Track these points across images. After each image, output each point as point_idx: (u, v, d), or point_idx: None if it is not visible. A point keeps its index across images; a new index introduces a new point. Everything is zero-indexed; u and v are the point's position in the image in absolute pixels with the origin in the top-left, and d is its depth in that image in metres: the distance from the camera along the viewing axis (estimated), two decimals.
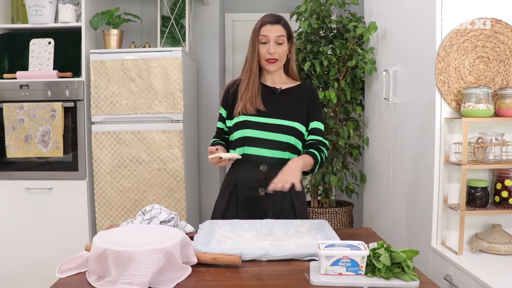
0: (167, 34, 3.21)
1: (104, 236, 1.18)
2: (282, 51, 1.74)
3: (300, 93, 1.80)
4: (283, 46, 1.74)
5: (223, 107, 1.85)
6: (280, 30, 1.73)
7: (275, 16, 1.76)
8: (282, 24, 1.74)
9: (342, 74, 2.89)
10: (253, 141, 1.72)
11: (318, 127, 1.79)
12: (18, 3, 3.00)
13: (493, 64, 1.86)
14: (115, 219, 2.82)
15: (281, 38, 1.72)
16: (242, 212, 1.72)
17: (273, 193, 1.60)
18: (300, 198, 1.79)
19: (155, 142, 2.81)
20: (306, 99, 1.78)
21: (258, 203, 1.72)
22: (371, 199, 2.87)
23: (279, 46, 1.73)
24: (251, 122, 1.72)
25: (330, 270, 1.11)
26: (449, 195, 1.90)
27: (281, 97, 1.78)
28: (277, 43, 1.72)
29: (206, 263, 1.22)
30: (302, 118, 1.76)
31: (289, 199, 1.74)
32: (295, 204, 1.75)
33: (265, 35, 1.72)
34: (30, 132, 2.76)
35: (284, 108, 1.75)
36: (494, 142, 1.79)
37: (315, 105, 1.80)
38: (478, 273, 1.57)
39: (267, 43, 1.72)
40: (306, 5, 2.84)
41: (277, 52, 1.73)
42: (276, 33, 1.72)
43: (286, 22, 1.77)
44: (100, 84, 2.79)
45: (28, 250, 2.81)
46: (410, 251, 1.14)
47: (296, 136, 1.74)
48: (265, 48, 1.73)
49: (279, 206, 1.72)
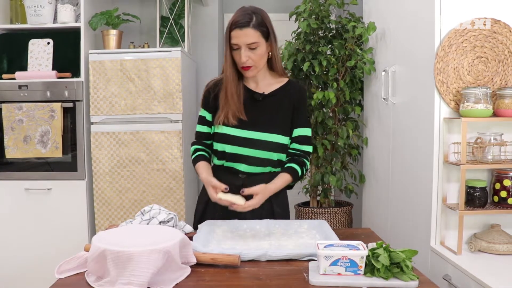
0: (166, 34, 3.21)
1: (103, 236, 1.18)
2: (257, 56, 1.55)
3: (285, 96, 1.66)
4: (258, 50, 1.54)
5: (205, 110, 1.70)
6: (250, 34, 1.51)
7: (244, 16, 1.52)
8: (253, 26, 1.51)
9: (341, 74, 2.90)
10: (233, 157, 1.62)
11: (303, 134, 1.67)
12: (17, 3, 3.00)
13: (492, 64, 1.86)
14: (114, 220, 2.82)
15: (254, 44, 1.52)
16: (219, 217, 1.62)
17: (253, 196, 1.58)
18: (281, 204, 1.71)
19: (154, 143, 2.80)
20: (292, 104, 1.65)
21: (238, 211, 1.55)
22: (370, 199, 2.87)
23: (252, 52, 1.53)
24: (231, 137, 1.61)
25: (329, 270, 1.11)
26: (448, 195, 1.90)
27: (265, 104, 1.64)
28: (250, 48, 1.53)
29: (205, 263, 1.22)
30: (286, 129, 1.65)
31: (269, 205, 1.64)
32: (275, 210, 1.67)
33: (235, 43, 1.53)
34: (29, 133, 2.76)
35: (267, 117, 1.63)
36: (493, 142, 1.79)
37: (300, 109, 1.66)
38: (477, 273, 1.57)
39: (239, 49, 1.54)
40: (305, 5, 2.84)
41: (251, 59, 1.54)
42: (246, 39, 1.51)
43: (260, 20, 1.53)
44: (99, 84, 2.79)
45: (27, 250, 2.81)
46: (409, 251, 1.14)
47: (280, 151, 1.64)
48: (238, 55, 1.55)
49: (258, 212, 1.59)
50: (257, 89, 1.66)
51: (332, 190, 3.05)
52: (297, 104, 1.66)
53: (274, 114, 1.64)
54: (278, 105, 1.65)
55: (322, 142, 2.87)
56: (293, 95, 1.67)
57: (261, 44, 1.54)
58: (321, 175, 2.87)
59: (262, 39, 1.55)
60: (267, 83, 1.67)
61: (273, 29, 1.60)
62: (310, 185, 2.99)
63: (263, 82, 1.67)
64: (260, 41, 1.54)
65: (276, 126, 1.63)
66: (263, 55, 1.58)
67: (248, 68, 1.57)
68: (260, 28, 1.53)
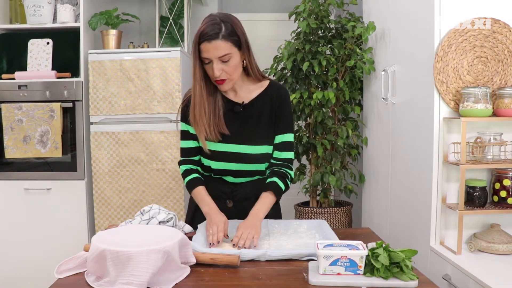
0: (166, 34, 3.21)
1: (103, 236, 1.18)
2: (231, 68, 1.44)
3: (266, 102, 1.57)
4: (231, 62, 1.43)
5: (187, 124, 1.59)
6: (221, 47, 1.40)
7: (213, 27, 1.40)
8: (223, 37, 1.39)
9: (341, 74, 2.89)
10: (219, 172, 1.60)
11: (284, 140, 1.59)
12: (17, 3, 3.00)
13: (492, 64, 1.86)
14: (113, 220, 2.82)
15: (225, 56, 1.41)
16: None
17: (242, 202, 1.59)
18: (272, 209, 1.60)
19: (154, 143, 2.80)
20: (273, 111, 1.57)
21: (227, 213, 1.53)
22: (370, 199, 2.87)
23: (225, 64, 1.43)
24: (216, 153, 1.56)
25: (328, 270, 1.11)
26: (448, 194, 1.90)
27: (246, 115, 1.57)
28: (223, 61, 1.42)
29: (204, 263, 1.22)
30: (270, 137, 1.59)
31: None
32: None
33: (205, 56, 1.42)
34: (29, 133, 2.76)
35: (249, 129, 1.57)
36: (492, 141, 1.79)
37: (282, 114, 1.58)
38: (476, 272, 1.57)
39: (210, 63, 1.43)
40: (304, 5, 2.84)
41: (224, 71, 1.44)
42: (217, 52, 1.40)
43: (230, 29, 1.41)
44: (99, 84, 2.79)
45: (27, 250, 2.81)
46: (409, 250, 1.14)
47: (266, 161, 1.60)
48: (211, 69, 1.44)
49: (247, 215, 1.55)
50: (237, 98, 1.58)
51: (332, 190, 3.05)
52: (278, 109, 1.57)
53: (256, 124, 1.57)
54: (260, 114, 1.57)
55: (321, 142, 2.87)
56: (274, 100, 1.58)
57: (233, 54, 1.43)
58: (321, 175, 2.87)
59: (234, 48, 1.43)
60: (246, 90, 1.59)
61: (245, 36, 1.47)
62: (310, 185, 2.99)
63: (242, 90, 1.58)
64: (233, 51, 1.43)
65: (259, 137, 1.56)
66: (237, 65, 1.46)
67: (222, 81, 1.46)
68: (231, 38, 1.41)
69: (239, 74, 1.51)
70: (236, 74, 1.48)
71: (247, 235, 1.35)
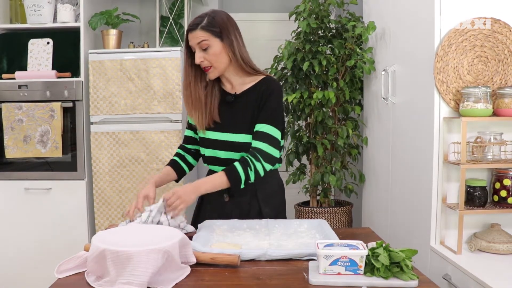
0: (166, 34, 3.21)
1: (103, 236, 1.18)
2: (211, 56, 1.55)
3: (255, 94, 1.61)
4: (210, 50, 1.54)
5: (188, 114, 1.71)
6: (199, 35, 1.54)
7: (196, 19, 1.57)
8: (201, 28, 1.54)
9: (341, 73, 2.89)
10: (212, 160, 1.65)
11: (261, 130, 1.56)
12: (17, 3, 3.00)
13: (492, 64, 1.86)
14: (114, 219, 2.82)
15: (203, 43, 1.54)
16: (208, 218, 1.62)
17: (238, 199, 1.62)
18: (270, 203, 1.68)
19: (154, 142, 2.80)
20: (258, 102, 1.59)
21: (224, 210, 1.63)
22: (370, 198, 2.87)
23: (205, 52, 1.55)
24: (208, 140, 1.64)
25: (329, 270, 1.11)
26: (448, 194, 1.90)
27: (236, 105, 1.63)
28: (202, 49, 1.55)
29: (205, 263, 1.22)
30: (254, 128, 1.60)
31: (256, 206, 1.65)
32: (263, 210, 1.65)
33: (189, 45, 1.58)
34: (29, 132, 2.76)
35: (239, 118, 1.61)
36: (492, 141, 1.79)
37: (265, 105, 1.58)
38: (477, 272, 1.57)
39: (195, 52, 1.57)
40: (304, 5, 2.84)
41: (205, 59, 1.56)
42: (196, 39, 1.54)
43: (211, 20, 1.55)
44: (99, 84, 2.79)
45: (27, 250, 2.81)
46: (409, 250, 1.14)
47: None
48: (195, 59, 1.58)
49: (245, 212, 1.64)
50: (232, 90, 1.66)
51: (332, 189, 3.05)
52: (262, 100, 1.59)
53: (244, 114, 1.61)
54: (248, 104, 1.61)
55: (322, 141, 2.87)
56: (262, 93, 1.60)
57: (212, 43, 1.54)
58: (321, 174, 2.87)
59: (214, 38, 1.55)
60: (241, 83, 1.65)
61: (230, 30, 1.58)
62: (310, 185, 2.99)
63: (237, 82, 1.65)
64: (211, 40, 1.54)
65: (245, 126, 1.59)
66: (219, 54, 1.56)
67: (207, 69, 1.59)
68: (210, 28, 1.54)
69: (224, 63, 1.59)
70: (219, 64, 1.57)
71: (175, 203, 1.42)
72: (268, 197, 1.68)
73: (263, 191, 1.66)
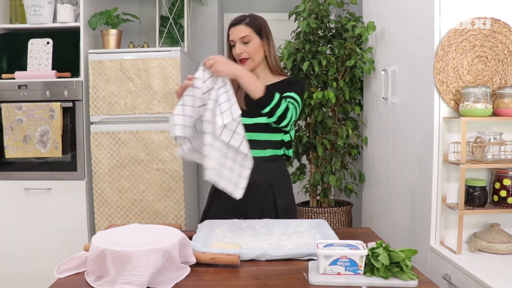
0: (166, 34, 3.21)
1: (103, 236, 1.18)
2: (251, 49, 1.72)
3: (280, 85, 1.74)
4: (251, 44, 1.72)
5: None
6: (242, 30, 1.72)
7: (239, 17, 1.76)
8: (245, 23, 1.73)
9: (341, 73, 2.90)
10: None
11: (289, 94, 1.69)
12: (17, 3, 3.00)
13: (492, 64, 1.86)
14: (114, 219, 2.82)
15: (246, 37, 1.72)
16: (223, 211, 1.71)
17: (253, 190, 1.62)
18: (284, 195, 1.78)
19: (154, 142, 2.80)
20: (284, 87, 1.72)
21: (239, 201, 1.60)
22: (370, 198, 2.88)
23: (246, 45, 1.72)
24: None
25: (328, 270, 1.11)
26: (448, 194, 1.90)
27: None
28: (243, 42, 1.72)
29: (204, 263, 1.22)
30: None
31: (271, 197, 1.73)
32: (277, 202, 1.73)
33: (231, 39, 1.75)
34: (29, 132, 2.76)
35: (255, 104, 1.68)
36: (492, 141, 1.79)
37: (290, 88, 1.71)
38: (476, 272, 1.58)
39: (235, 45, 1.74)
40: (304, 5, 2.84)
41: (245, 51, 1.72)
42: (239, 33, 1.72)
43: (253, 19, 1.75)
44: (99, 84, 2.79)
45: (27, 250, 2.81)
46: (409, 250, 1.14)
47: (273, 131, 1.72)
48: (234, 50, 1.75)
49: (260, 204, 1.72)
50: None
51: (332, 189, 3.06)
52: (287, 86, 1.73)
53: None
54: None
55: (321, 141, 2.87)
56: (288, 81, 1.77)
57: (253, 39, 1.72)
58: (321, 174, 2.87)
59: (255, 35, 1.73)
60: (266, 80, 1.77)
61: (268, 31, 1.78)
62: (310, 185, 2.99)
63: (263, 79, 1.78)
64: (252, 36, 1.72)
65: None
66: (257, 49, 1.74)
67: (245, 61, 1.73)
68: (252, 25, 1.73)
69: (260, 58, 1.76)
70: (256, 57, 1.75)
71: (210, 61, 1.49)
72: (281, 188, 1.76)
73: (277, 183, 1.74)
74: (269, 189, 1.73)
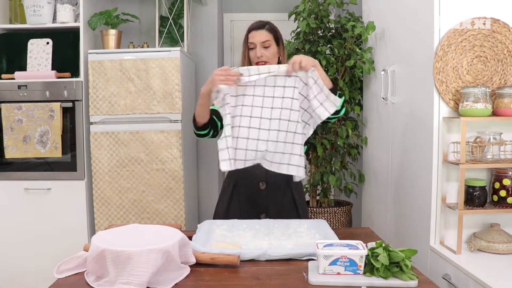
0: (166, 34, 3.21)
1: (103, 236, 1.18)
2: (270, 54, 1.82)
3: None
4: (270, 49, 1.82)
5: None
6: (264, 34, 1.81)
7: (260, 22, 1.85)
8: (267, 29, 1.83)
9: (341, 73, 2.89)
10: None
11: None
12: (16, 3, 3.00)
13: (491, 64, 1.86)
14: (113, 219, 2.82)
15: (266, 42, 1.81)
16: (244, 208, 1.81)
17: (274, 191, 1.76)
18: (300, 192, 1.91)
19: (154, 142, 2.80)
20: None
21: (259, 198, 1.81)
22: (369, 198, 2.88)
23: (266, 50, 1.82)
24: None
25: (328, 270, 1.11)
26: (448, 194, 1.90)
27: None
28: (264, 47, 1.81)
29: (204, 263, 1.23)
30: None
31: (289, 193, 1.86)
32: (295, 198, 1.85)
33: (251, 41, 1.82)
34: (29, 133, 2.76)
35: None
36: (492, 141, 1.79)
37: None
38: (476, 272, 1.58)
39: (254, 48, 1.81)
40: (304, 5, 2.84)
41: (265, 55, 1.81)
42: (261, 37, 1.81)
43: (273, 27, 1.85)
44: (99, 84, 2.79)
45: (27, 250, 2.81)
46: (409, 250, 1.14)
47: None
48: (254, 53, 1.82)
49: (280, 199, 1.83)
50: None
51: (332, 189, 3.05)
52: None
53: None
54: None
55: (321, 141, 2.87)
56: None
57: (272, 45, 1.83)
58: (321, 174, 2.87)
59: (274, 42, 1.83)
60: None
61: (282, 39, 1.89)
62: (310, 185, 2.99)
63: None
64: (272, 42, 1.83)
65: None
66: (274, 54, 1.84)
67: (263, 63, 1.81)
68: (273, 32, 1.84)
69: (274, 63, 1.84)
70: (273, 61, 1.84)
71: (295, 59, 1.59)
72: (298, 185, 1.90)
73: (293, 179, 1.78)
74: (287, 186, 1.84)
